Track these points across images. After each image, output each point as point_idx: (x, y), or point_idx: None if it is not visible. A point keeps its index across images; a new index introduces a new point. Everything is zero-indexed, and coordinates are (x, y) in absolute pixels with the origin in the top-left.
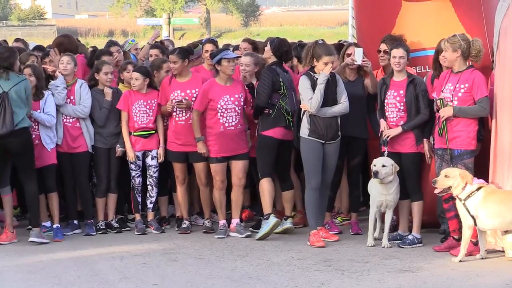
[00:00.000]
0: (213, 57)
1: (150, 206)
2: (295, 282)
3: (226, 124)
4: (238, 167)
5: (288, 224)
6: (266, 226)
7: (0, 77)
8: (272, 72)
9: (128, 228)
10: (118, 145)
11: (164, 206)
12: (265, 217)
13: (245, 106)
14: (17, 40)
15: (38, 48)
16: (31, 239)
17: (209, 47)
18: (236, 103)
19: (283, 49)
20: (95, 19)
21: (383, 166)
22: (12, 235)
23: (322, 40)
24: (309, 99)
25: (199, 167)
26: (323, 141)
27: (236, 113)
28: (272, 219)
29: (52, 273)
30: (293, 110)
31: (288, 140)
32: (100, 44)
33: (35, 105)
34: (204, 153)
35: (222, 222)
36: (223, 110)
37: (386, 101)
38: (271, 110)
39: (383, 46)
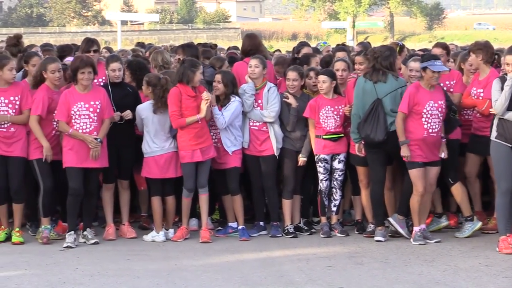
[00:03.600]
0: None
1: (334, 209)
2: None
3: (430, 130)
4: (432, 174)
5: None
6: (470, 228)
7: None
8: None
9: (313, 231)
10: (301, 154)
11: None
12: (468, 218)
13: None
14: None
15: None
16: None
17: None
18: (439, 109)
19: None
20: (279, 22)
21: None
22: (186, 231)
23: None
24: (495, 101)
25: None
26: (510, 145)
27: (438, 120)
28: (477, 222)
29: (239, 273)
30: None
31: None
32: (284, 47)
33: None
34: (407, 156)
35: (418, 228)
36: (428, 116)
37: None
38: None
39: None
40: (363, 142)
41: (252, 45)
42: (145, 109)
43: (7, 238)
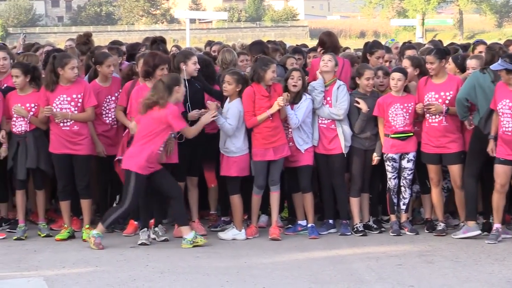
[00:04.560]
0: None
1: (403, 207)
2: None
3: (504, 128)
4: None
5: None
6: None
7: None
8: None
9: (383, 229)
10: (375, 153)
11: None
12: None
13: None
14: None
15: (297, 51)
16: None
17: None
18: None
19: None
20: (347, 20)
21: None
22: (255, 229)
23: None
24: None
25: (454, 169)
26: None
27: (510, 119)
28: None
29: (309, 271)
30: None
31: None
32: (353, 45)
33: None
34: (493, 151)
35: (496, 226)
36: (500, 114)
37: None
38: None
39: None
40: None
41: (330, 43)
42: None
43: (69, 236)
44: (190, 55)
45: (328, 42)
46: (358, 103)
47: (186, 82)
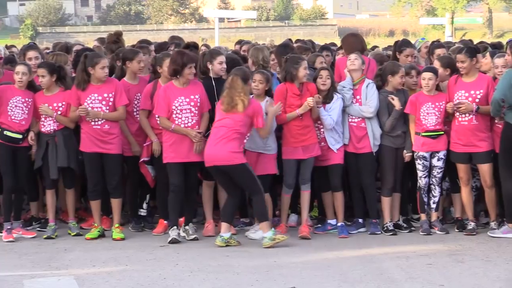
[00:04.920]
0: None
1: (434, 206)
2: None
3: None
4: None
5: None
6: None
7: None
8: None
9: (413, 228)
10: (405, 150)
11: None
12: None
13: None
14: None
15: (325, 48)
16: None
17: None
18: None
19: None
20: (376, 18)
21: None
22: (285, 228)
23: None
24: None
25: (484, 168)
26: None
27: None
28: None
29: (339, 271)
30: None
31: None
32: (382, 44)
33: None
34: None
35: None
36: None
37: None
38: None
39: None
40: None
41: (347, 45)
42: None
43: (99, 235)
44: (216, 54)
45: (345, 45)
46: (393, 99)
47: (213, 80)
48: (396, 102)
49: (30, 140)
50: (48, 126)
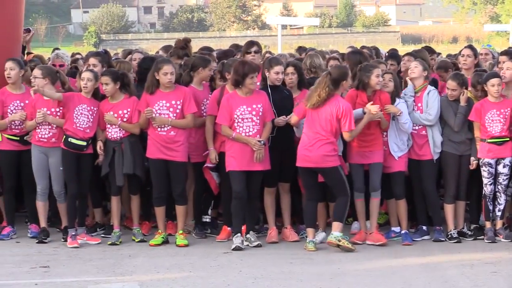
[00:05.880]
0: None
1: (499, 213)
2: None
3: None
4: None
5: None
6: None
7: None
8: None
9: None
10: (472, 157)
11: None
12: None
13: None
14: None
15: (392, 56)
16: None
17: None
18: None
19: None
20: (439, 25)
21: None
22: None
23: None
24: None
25: None
26: None
27: None
28: None
29: (402, 278)
30: None
31: None
32: (445, 51)
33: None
34: None
35: None
36: None
37: None
38: None
39: None
40: None
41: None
42: None
43: (163, 241)
44: (275, 64)
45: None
46: (463, 94)
47: (269, 88)
48: (462, 98)
49: (99, 150)
50: (114, 133)
